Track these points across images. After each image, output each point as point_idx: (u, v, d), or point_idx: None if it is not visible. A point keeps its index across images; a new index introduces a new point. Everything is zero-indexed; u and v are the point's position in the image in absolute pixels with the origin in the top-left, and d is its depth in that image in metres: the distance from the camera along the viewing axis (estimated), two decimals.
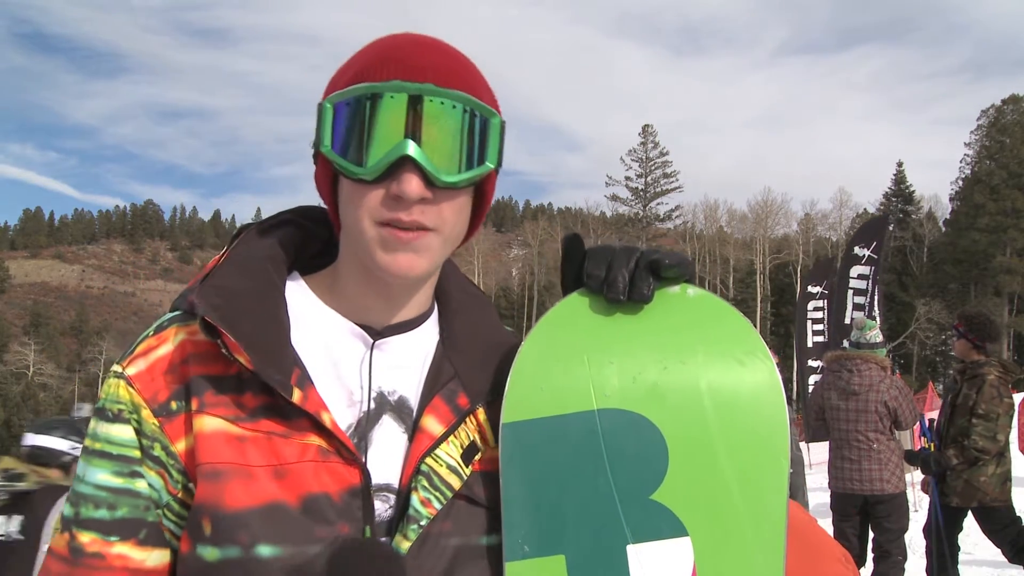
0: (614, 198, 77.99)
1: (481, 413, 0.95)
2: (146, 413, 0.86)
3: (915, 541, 6.54)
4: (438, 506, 0.88)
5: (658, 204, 76.75)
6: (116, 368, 0.90)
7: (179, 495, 0.86)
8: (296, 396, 0.84)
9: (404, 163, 0.83)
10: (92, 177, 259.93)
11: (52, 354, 79.57)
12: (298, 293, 0.94)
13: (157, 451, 0.86)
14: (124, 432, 0.87)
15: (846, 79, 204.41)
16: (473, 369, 0.95)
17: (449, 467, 0.90)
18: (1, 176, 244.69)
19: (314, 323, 0.92)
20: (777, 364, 0.93)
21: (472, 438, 0.93)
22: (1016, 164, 62.28)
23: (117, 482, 0.86)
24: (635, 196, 76.62)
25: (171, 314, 0.93)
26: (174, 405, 0.86)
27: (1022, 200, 61.23)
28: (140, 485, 0.86)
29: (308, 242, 1.00)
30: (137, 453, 0.87)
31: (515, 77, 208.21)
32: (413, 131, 0.83)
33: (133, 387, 0.87)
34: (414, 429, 0.91)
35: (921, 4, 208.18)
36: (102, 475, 0.87)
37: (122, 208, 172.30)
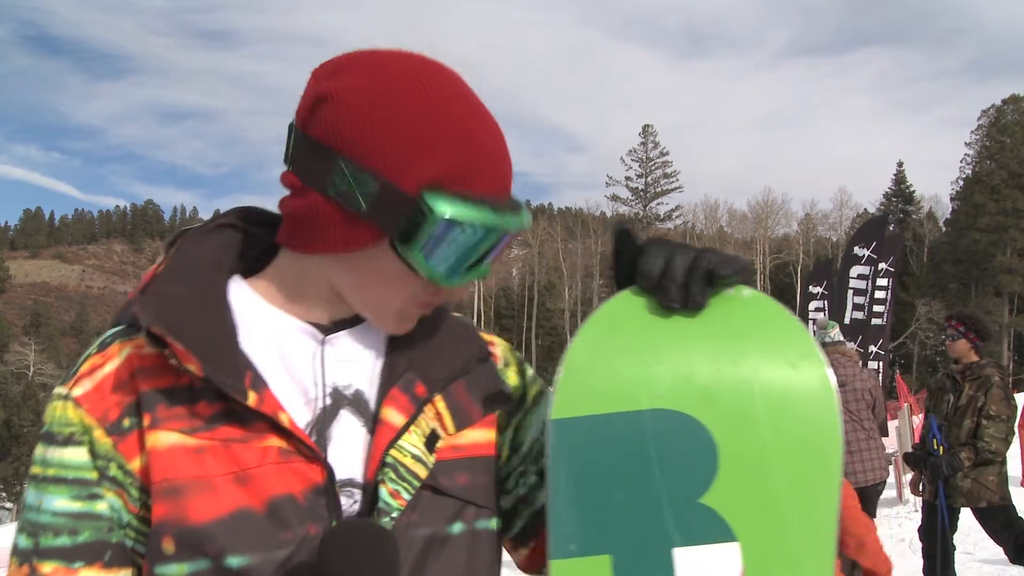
0: (614, 198, 78.14)
1: (439, 400, 0.94)
2: (98, 433, 0.83)
3: (915, 541, 6.56)
4: (407, 497, 0.87)
5: (658, 204, 76.90)
6: (60, 390, 0.86)
7: (140, 512, 0.84)
8: (251, 399, 0.82)
9: None
10: (96, 178, 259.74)
11: (52, 354, 79.45)
12: (241, 296, 0.92)
13: (113, 471, 0.83)
14: (78, 455, 0.83)
15: (847, 80, 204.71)
16: (427, 357, 0.95)
17: (414, 457, 0.89)
18: (5, 177, 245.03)
19: (261, 324, 0.90)
20: None
21: (432, 426, 0.92)
22: (1016, 164, 62.35)
23: (77, 507, 0.83)
24: (635, 196, 76.75)
25: (114, 329, 0.90)
26: (127, 422, 0.83)
27: (1022, 200, 61.28)
28: (101, 507, 0.84)
29: (249, 245, 0.97)
30: (94, 475, 0.83)
31: (518, 78, 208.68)
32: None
33: (82, 407, 0.84)
34: (374, 422, 0.90)
35: (923, 6, 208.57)
36: (60, 501, 0.83)
37: (122, 208, 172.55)
